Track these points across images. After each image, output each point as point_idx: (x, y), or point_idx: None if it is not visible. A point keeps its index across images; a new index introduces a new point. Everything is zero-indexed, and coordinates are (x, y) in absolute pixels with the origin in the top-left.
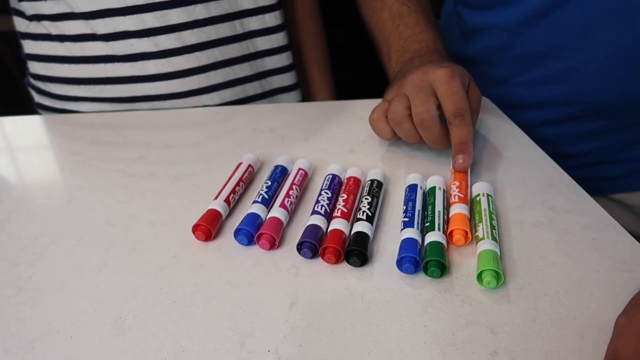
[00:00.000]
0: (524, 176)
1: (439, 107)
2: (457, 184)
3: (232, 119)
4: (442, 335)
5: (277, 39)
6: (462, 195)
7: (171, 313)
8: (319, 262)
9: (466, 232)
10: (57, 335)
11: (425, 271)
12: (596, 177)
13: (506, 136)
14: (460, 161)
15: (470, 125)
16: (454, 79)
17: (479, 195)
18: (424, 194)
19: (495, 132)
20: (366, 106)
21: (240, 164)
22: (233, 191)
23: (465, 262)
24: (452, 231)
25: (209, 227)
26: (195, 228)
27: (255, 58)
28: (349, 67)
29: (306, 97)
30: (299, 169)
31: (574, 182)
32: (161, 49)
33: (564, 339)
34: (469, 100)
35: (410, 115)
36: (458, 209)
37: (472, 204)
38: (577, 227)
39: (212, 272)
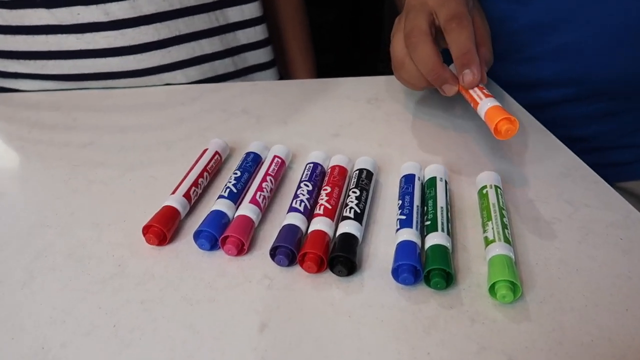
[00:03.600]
0: (533, 164)
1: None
2: (477, 91)
3: (199, 99)
4: None
5: (251, 10)
6: (483, 95)
7: (110, 340)
8: (296, 271)
9: (511, 120)
10: None
11: (427, 282)
12: (601, 164)
13: None
14: (470, 77)
15: (470, 29)
16: None
17: (485, 187)
18: (422, 186)
19: None
20: (352, 85)
21: (205, 150)
22: (195, 184)
23: (474, 268)
24: (498, 123)
25: (162, 229)
26: (146, 230)
27: (226, 31)
28: (330, 49)
29: (284, 76)
30: (275, 156)
31: (591, 170)
32: (113, 19)
33: None
34: (475, 28)
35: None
36: (489, 103)
37: (479, 197)
38: (600, 224)
39: (166, 285)
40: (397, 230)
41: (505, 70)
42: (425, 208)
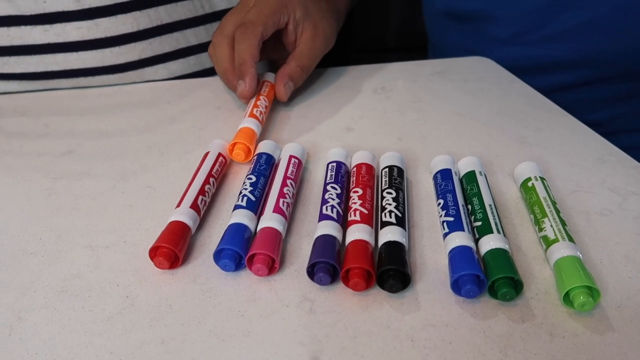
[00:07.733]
0: (565, 152)
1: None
2: (251, 104)
3: (188, 96)
4: None
5: None
6: (249, 112)
7: None
8: (339, 290)
9: (249, 148)
10: None
11: (492, 293)
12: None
13: (528, 104)
14: (241, 88)
15: (252, 40)
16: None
17: (529, 179)
18: (461, 182)
19: (513, 100)
20: (351, 75)
21: (207, 154)
22: (202, 192)
23: (536, 273)
24: (235, 144)
25: (173, 249)
26: (154, 252)
27: (212, 20)
28: None
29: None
30: (290, 156)
31: (626, 154)
32: (85, 6)
33: None
34: (300, 41)
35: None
36: (245, 123)
37: (523, 191)
38: None
39: (188, 318)
40: (446, 234)
41: (509, 55)
42: (470, 207)
